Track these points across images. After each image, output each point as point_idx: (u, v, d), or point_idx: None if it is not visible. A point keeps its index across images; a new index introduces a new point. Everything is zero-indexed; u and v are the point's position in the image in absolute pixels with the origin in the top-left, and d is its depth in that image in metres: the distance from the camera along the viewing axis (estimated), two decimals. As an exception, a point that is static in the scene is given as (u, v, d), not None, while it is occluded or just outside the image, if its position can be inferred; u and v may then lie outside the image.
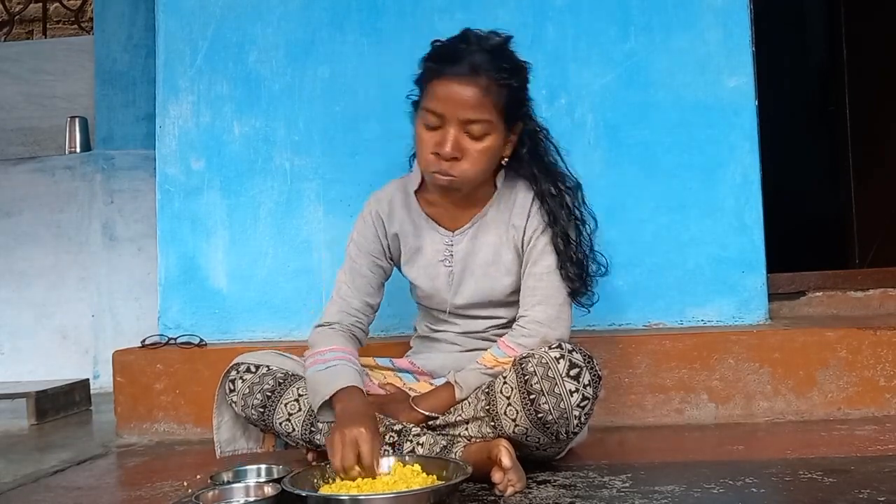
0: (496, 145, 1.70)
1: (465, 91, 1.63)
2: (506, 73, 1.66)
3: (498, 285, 1.80)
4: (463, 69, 1.64)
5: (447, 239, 1.83)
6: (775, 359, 2.16)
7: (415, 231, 1.85)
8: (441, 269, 1.83)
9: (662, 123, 2.34)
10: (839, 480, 1.54)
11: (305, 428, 1.72)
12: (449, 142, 1.65)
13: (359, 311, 1.85)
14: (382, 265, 1.88)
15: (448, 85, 1.64)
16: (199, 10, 2.51)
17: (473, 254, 1.81)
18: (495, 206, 1.81)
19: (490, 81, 1.64)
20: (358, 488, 1.47)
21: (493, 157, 1.71)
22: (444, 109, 1.65)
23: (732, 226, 2.31)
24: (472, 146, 1.67)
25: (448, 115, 1.65)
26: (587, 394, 1.56)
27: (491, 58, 1.65)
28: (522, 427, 1.58)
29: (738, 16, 2.34)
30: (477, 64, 1.64)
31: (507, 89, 1.67)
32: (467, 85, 1.63)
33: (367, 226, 1.87)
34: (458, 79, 1.64)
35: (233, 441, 1.84)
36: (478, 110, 1.64)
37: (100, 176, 3.79)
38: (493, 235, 1.81)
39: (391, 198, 1.87)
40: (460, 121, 1.64)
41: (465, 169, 1.68)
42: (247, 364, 1.79)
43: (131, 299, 3.66)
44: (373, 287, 1.87)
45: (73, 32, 6.32)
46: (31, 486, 1.87)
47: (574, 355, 1.57)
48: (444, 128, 1.66)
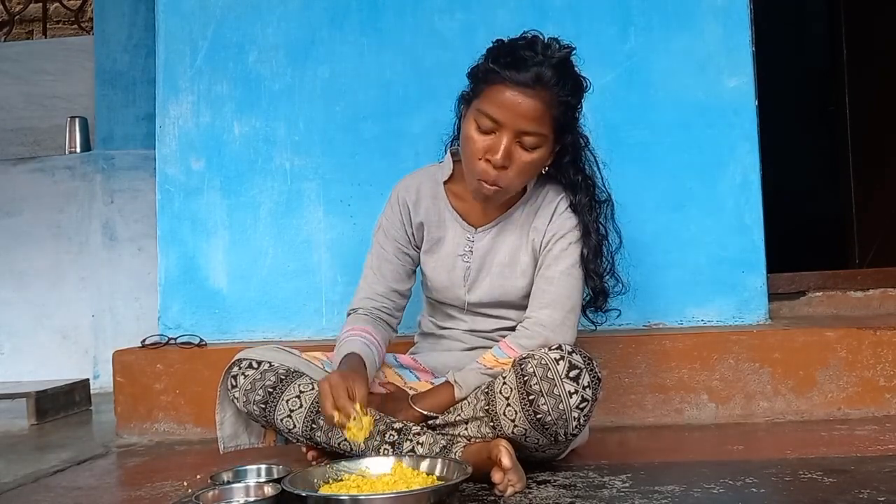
0: (545, 158, 1.70)
1: (528, 103, 1.60)
2: (569, 90, 1.65)
3: (511, 287, 1.81)
4: (528, 79, 1.60)
5: (469, 235, 1.83)
6: (775, 359, 2.17)
7: (438, 222, 1.86)
8: (459, 263, 1.84)
9: (662, 123, 2.34)
10: (839, 480, 1.54)
11: (306, 424, 1.72)
12: (502, 150, 1.62)
13: (383, 296, 1.86)
14: (409, 252, 1.88)
15: (511, 93, 1.60)
16: (199, 10, 2.51)
17: (493, 252, 1.82)
18: (521, 208, 1.82)
19: (553, 97, 1.62)
20: (358, 488, 1.47)
21: (538, 168, 1.72)
22: (503, 117, 1.62)
23: (732, 226, 2.31)
24: (522, 157, 1.65)
25: (505, 123, 1.62)
26: (586, 395, 1.56)
27: (556, 72, 1.62)
28: (521, 428, 1.58)
29: (738, 16, 2.34)
30: (544, 77, 1.60)
31: (566, 107, 1.66)
32: (530, 97, 1.60)
33: (394, 213, 1.87)
34: (521, 89, 1.60)
35: (235, 437, 1.84)
36: (536, 123, 1.62)
37: (100, 176, 3.79)
38: (515, 236, 1.81)
39: (419, 186, 1.86)
40: (517, 131, 1.62)
41: (511, 178, 1.67)
42: (249, 360, 1.79)
43: (131, 299, 3.66)
44: (400, 273, 1.87)
45: (73, 32, 6.32)
46: (31, 486, 1.87)
47: (574, 357, 1.57)
48: (499, 134, 1.63)
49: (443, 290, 1.87)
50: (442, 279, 1.86)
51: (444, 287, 1.86)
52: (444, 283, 1.86)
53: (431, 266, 1.87)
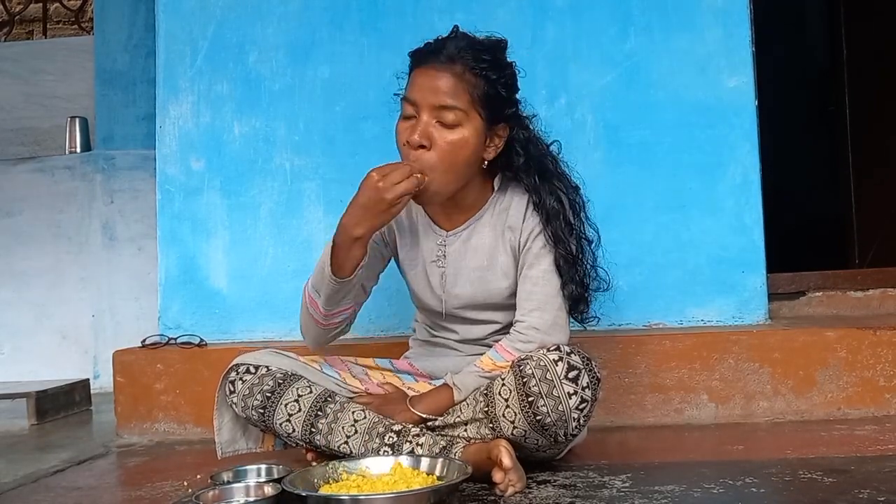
0: (469, 141, 1.65)
1: (439, 76, 1.63)
2: (484, 63, 1.64)
3: (494, 288, 1.79)
4: (440, 57, 1.65)
5: (441, 239, 1.82)
6: (775, 359, 2.17)
7: (411, 226, 1.85)
8: (434, 269, 1.83)
9: (662, 123, 2.34)
10: (839, 480, 1.54)
11: (305, 428, 1.72)
12: (418, 129, 1.63)
13: None
14: (380, 253, 1.86)
15: (423, 72, 1.65)
16: (199, 10, 2.51)
17: (466, 256, 1.80)
18: (490, 209, 1.79)
19: (465, 69, 1.63)
20: (358, 488, 1.47)
21: (466, 155, 1.66)
22: (417, 96, 1.65)
23: (732, 226, 2.31)
24: (442, 136, 1.63)
25: (421, 102, 1.64)
26: (586, 396, 1.56)
27: (470, 47, 1.65)
28: (521, 429, 1.58)
29: (738, 16, 2.34)
30: (453, 51, 1.64)
31: (483, 80, 1.64)
32: (440, 70, 1.64)
33: None
34: (433, 66, 1.65)
35: (233, 442, 1.84)
36: (449, 96, 1.62)
37: (100, 176, 3.78)
38: (489, 238, 1.79)
39: None
40: (432, 107, 1.63)
41: (435, 160, 1.63)
42: (246, 365, 1.78)
43: (131, 299, 3.66)
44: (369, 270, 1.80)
45: (73, 32, 6.33)
46: (31, 486, 1.87)
47: (572, 357, 1.57)
48: (418, 116, 1.65)
49: (423, 297, 1.86)
50: (422, 288, 1.85)
51: (424, 293, 1.86)
52: (423, 289, 1.85)
53: (411, 274, 1.87)
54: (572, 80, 2.38)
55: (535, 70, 2.37)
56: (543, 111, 2.35)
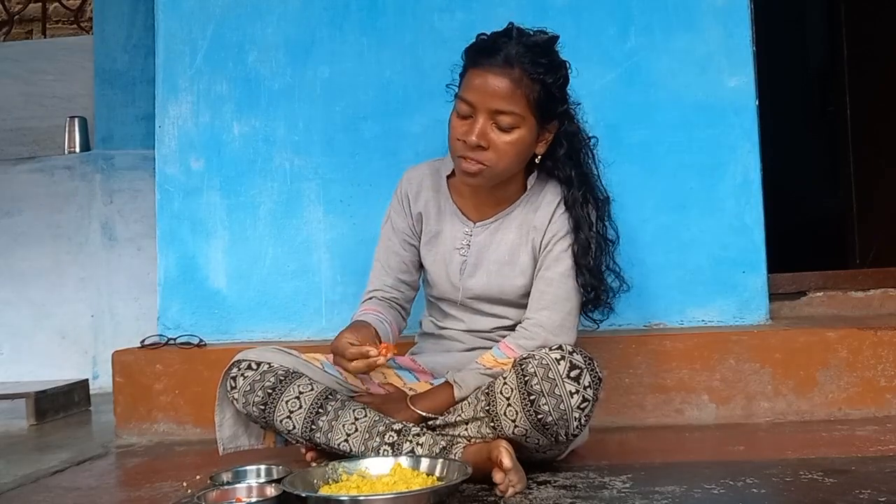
0: (525, 140, 1.71)
1: (497, 81, 1.65)
2: (541, 67, 1.68)
3: (509, 285, 1.81)
4: (497, 60, 1.66)
5: (467, 229, 1.85)
6: (776, 359, 2.16)
7: (438, 214, 1.88)
8: (456, 256, 1.85)
9: (662, 123, 2.34)
10: (840, 481, 1.54)
11: (306, 426, 1.72)
12: (476, 130, 1.67)
13: (392, 287, 1.90)
14: (414, 243, 1.92)
15: (481, 75, 1.67)
16: (199, 10, 2.51)
17: (490, 248, 1.83)
18: (521, 206, 1.83)
19: (523, 74, 1.66)
20: (358, 489, 1.47)
21: (521, 152, 1.72)
22: (475, 99, 1.67)
23: (733, 226, 2.31)
24: (500, 138, 1.68)
25: (478, 105, 1.67)
26: (587, 395, 1.56)
27: (527, 51, 1.67)
28: (522, 428, 1.58)
29: (738, 16, 2.34)
30: (512, 56, 1.66)
31: (540, 84, 1.68)
32: (499, 76, 1.66)
33: (399, 203, 1.92)
34: (491, 69, 1.66)
35: (235, 438, 1.84)
36: (507, 101, 1.66)
37: (99, 176, 3.78)
38: (514, 234, 1.82)
39: (422, 178, 1.91)
40: (490, 111, 1.67)
41: (491, 159, 1.69)
42: (248, 361, 1.78)
43: (131, 299, 3.66)
44: (406, 264, 1.91)
45: (73, 32, 6.32)
46: (31, 486, 1.87)
47: (575, 357, 1.57)
48: (475, 117, 1.68)
49: (439, 283, 1.88)
50: (439, 272, 1.87)
51: (440, 280, 1.87)
52: (440, 275, 1.87)
53: (430, 259, 1.89)
54: (572, 80, 2.36)
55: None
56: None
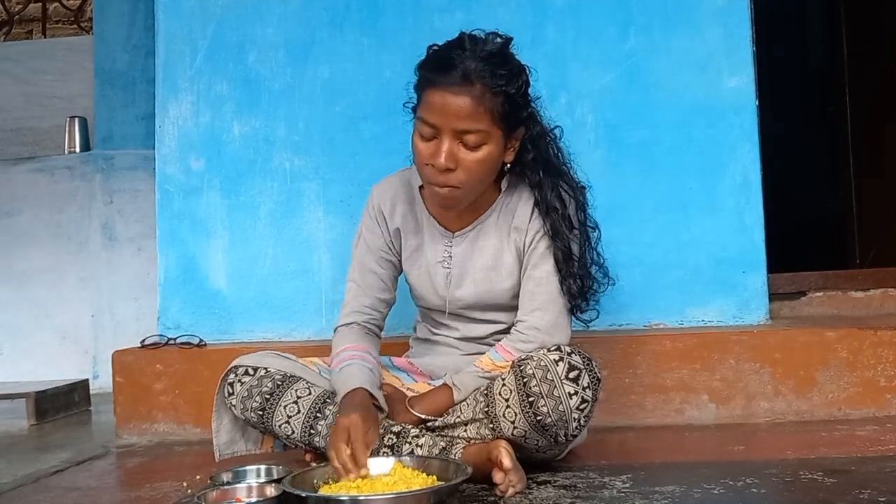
0: (494, 155, 1.64)
1: (458, 101, 1.57)
2: (502, 79, 1.59)
3: (498, 288, 1.79)
4: (455, 78, 1.57)
5: (447, 240, 1.81)
6: (776, 359, 2.16)
7: (416, 227, 1.84)
8: (439, 270, 1.82)
9: (662, 123, 2.34)
10: (840, 481, 1.54)
11: (305, 430, 1.72)
12: (443, 153, 1.59)
13: (371, 307, 1.84)
14: (391, 259, 1.86)
15: (441, 94, 1.58)
16: (199, 10, 2.51)
17: (472, 257, 1.80)
18: (497, 211, 1.79)
19: (484, 89, 1.57)
20: (358, 488, 1.46)
21: (491, 167, 1.66)
22: (437, 120, 1.59)
23: (732, 226, 2.31)
24: (468, 156, 1.61)
25: (442, 126, 1.59)
26: (586, 396, 1.55)
27: (485, 64, 1.58)
28: (521, 429, 1.58)
29: (738, 16, 2.34)
30: (470, 71, 1.57)
31: (503, 96, 1.60)
32: (459, 94, 1.57)
33: (372, 220, 1.85)
34: (450, 88, 1.57)
35: (232, 444, 1.84)
36: (472, 120, 1.58)
37: (99, 176, 3.79)
38: (495, 239, 1.79)
39: (394, 191, 1.84)
40: (454, 131, 1.59)
41: (462, 179, 1.62)
42: (245, 367, 1.78)
43: (131, 299, 3.66)
44: (384, 282, 1.85)
45: (73, 32, 6.32)
46: (31, 486, 1.87)
47: (573, 358, 1.56)
48: (439, 139, 1.60)
49: (427, 297, 1.85)
50: (424, 286, 1.84)
51: (427, 293, 1.85)
52: (427, 289, 1.84)
53: (415, 274, 1.85)
54: (572, 80, 2.37)
55: (535, 70, 2.36)
56: (543, 111, 2.35)
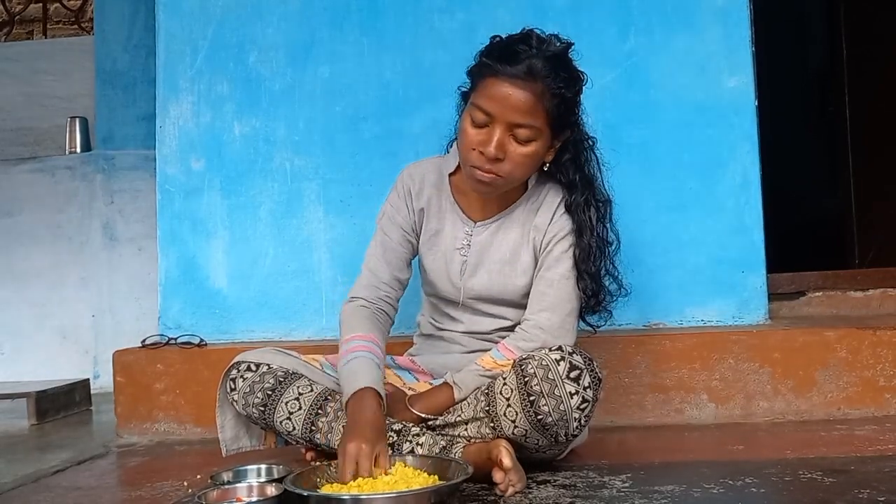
0: (540, 152, 1.68)
1: (519, 95, 1.60)
2: (562, 81, 1.63)
3: (511, 284, 1.80)
4: (520, 72, 1.60)
5: (468, 228, 1.83)
6: (775, 359, 2.17)
7: (439, 212, 1.85)
8: (456, 256, 1.83)
9: (662, 123, 2.34)
10: (839, 480, 1.54)
11: (306, 427, 1.72)
12: (494, 142, 1.62)
13: (388, 284, 1.82)
14: (412, 240, 1.86)
15: (502, 85, 1.61)
16: (199, 10, 2.51)
17: (491, 248, 1.81)
18: (522, 205, 1.81)
19: (545, 88, 1.61)
20: (359, 488, 1.47)
21: (535, 163, 1.70)
22: (495, 109, 1.62)
23: (732, 226, 2.31)
24: (517, 149, 1.64)
25: (497, 116, 1.62)
26: (587, 396, 1.56)
27: (549, 64, 1.61)
28: (522, 429, 1.58)
29: (738, 16, 2.34)
30: (535, 69, 1.60)
31: (560, 98, 1.63)
32: (522, 89, 1.60)
33: (399, 198, 1.85)
34: (513, 81, 1.60)
35: (237, 440, 1.84)
36: (528, 116, 1.61)
37: (100, 176, 3.79)
38: (515, 233, 1.80)
39: (424, 174, 1.86)
40: (509, 123, 1.62)
41: (507, 170, 1.66)
42: (247, 363, 1.79)
43: (131, 299, 3.66)
44: (402, 261, 1.85)
45: (73, 32, 6.32)
46: (31, 486, 1.87)
47: (574, 357, 1.57)
48: (492, 127, 1.63)
49: (439, 283, 1.86)
50: (439, 272, 1.85)
51: (440, 279, 1.85)
52: (441, 275, 1.85)
53: (430, 258, 1.86)
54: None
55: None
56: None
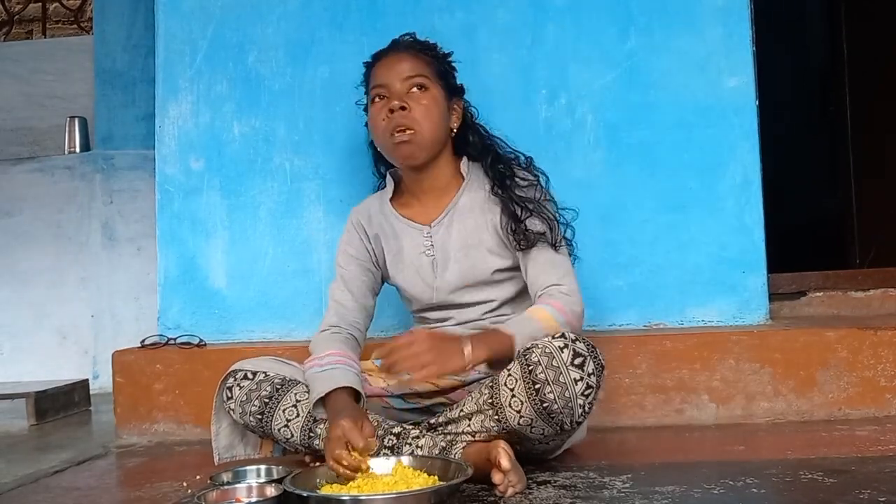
0: (439, 101, 1.84)
1: (399, 58, 1.85)
2: (430, 50, 1.90)
3: (481, 264, 1.84)
4: (394, 50, 1.89)
5: (425, 232, 1.88)
6: (776, 359, 2.16)
7: (393, 232, 1.91)
8: (423, 259, 1.88)
9: (662, 123, 2.34)
10: (840, 481, 1.54)
11: (304, 433, 1.72)
12: (394, 98, 1.80)
13: (355, 311, 1.89)
14: (371, 269, 1.94)
15: (384, 63, 1.87)
16: (199, 10, 2.51)
17: (451, 239, 1.87)
18: (466, 193, 1.88)
19: (417, 52, 1.87)
20: (358, 488, 1.47)
21: (440, 113, 1.84)
22: (385, 79, 1.83)
23: (732, 226, 2.31)
24: (418, 97, 1.81)
25: (389, 82, 1.82)
26: (591, 382, 1.56)
27: (415, 41, 1.91)
28: (527, 418, 1.58)
29: (738, 16, 2.34)
30: (405, 43, 1.90)
31: (435, 59, 1.89)
32: (397, 54, 1.87)
33: (351, 234, 1.96)
34: (390, 55, 1.87)
35: (231, 448, 1.84)
36: (413, 67, 1.83)
37: (99, 176, 3.79)
38: (470, 220, 1.87)
39: (368, 207, 1.98)
40: (401, 80, 1.82)
41: (418, 119, 1.80)
42: (244, 371, 1.79)
43: (131, 299, 3.66)
44: (365, 290, 1.93)
45: (73, 32, 6.32)
46: (31, 486, 1.87)
47: (578, 344, 1.57)
48: (389, 95, 1.82)
49: (416, 294, 1.90)
50: (413, 281, 1.89)
51: (416, 289, 1.89)
52: (415, 284, 1.89)
53: (401, 276, 1.91)
54: (572, 80, 2.37)
55: (535, 70, 2.37)
56: (543, 111, 2.36)
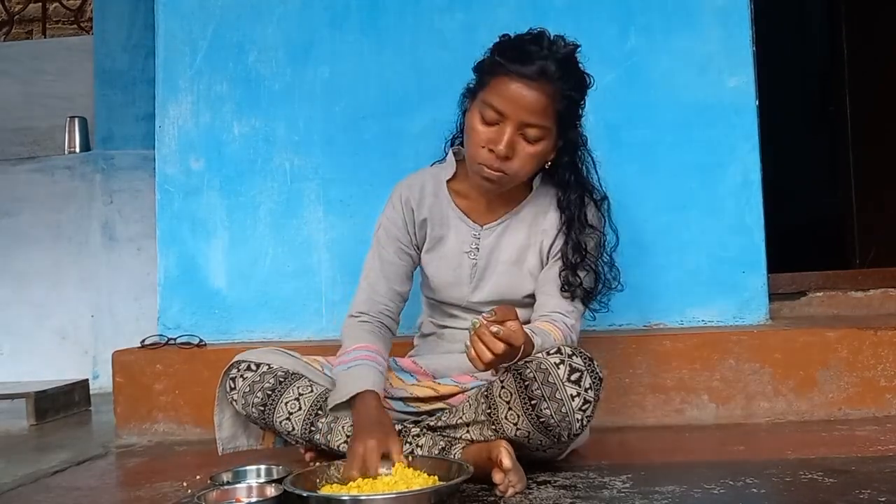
0: (547, 151, 1.71)
1: (531, 95, 1.62)
2: (572, 84, 1.67)
3: (518, 286, 1.81)
4: (533, 73, 1.62)
5: (475, 232, 1.83)
6: (776, 359, 2.16)
7: (441, 220, 1.85)
8: (465, 260, 1.83)
9: (662, 123, 2.34)
10: (839, 481, 1.54)
11: (305, 427, 1.72)
12: (504, 141, 1.64)
13: (387, 297, 1.83)
14: (410, 253, 1.86)
15: (515, 85, 1.63)
16: (199, 10, 2.51)
17: (499, 250, 1.82)
18: (529, 207, 1.82)
19: (556, 90, 1.64)
20: (358, 488, 1.47)
21: (541, 162, 1.73)
22: (506, 108, 1.63)
23: (732, 226, 2.31)
24: (525, 148, 1.66)
25: (508, 115, 1.64)
26: (588, 397, 1.55)
27: (561, 67, 1.64)
28: (524, 430, 1.57)
29: (739, 16, 2.34)
30: (548, 71, 1.62)
31: (568, 100, 1.67)
32: (534, 90, 1.62)
33: (396, 212, 1.85)
34: (526, 81, 1.62)
35: (234, 439, 1.84)
36: (539, 116, 1.64)
37: (99, 176, 3.79)
38: (522, 235, 1.81)
39: (423, 184, 1.86)
40: (520, 122, 1.64)
41: (514, 169, 1.68)
42: (247, 362, 1.79)
43: (131, 299, 3.66)
44: (400, 275, 1.85)
45: (73, 32, 6.31)
46: (31, 486, 1.87)
47: (574, 360, 1.55)
48: (502, 126, 1.65)
49: (445, 289, 1.85)
50: (446, 277, 1.84)
51: (447, 285, 1.85)
52: (447, 280, 1.84)
53: (434, 265, 1.86)
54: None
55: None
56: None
